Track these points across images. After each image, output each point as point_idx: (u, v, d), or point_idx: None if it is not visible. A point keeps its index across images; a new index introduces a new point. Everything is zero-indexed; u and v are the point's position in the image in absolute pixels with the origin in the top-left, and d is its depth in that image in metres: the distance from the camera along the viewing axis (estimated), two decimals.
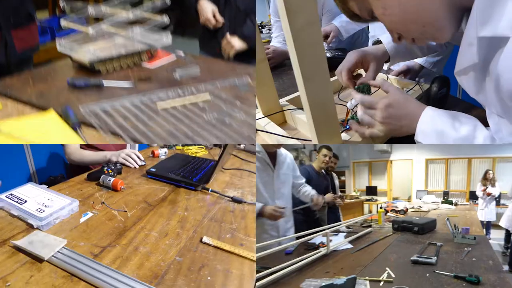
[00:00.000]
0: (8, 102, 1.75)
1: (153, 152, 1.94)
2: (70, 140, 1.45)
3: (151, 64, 2.06)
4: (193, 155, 2.05)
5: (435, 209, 4.13)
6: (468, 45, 1.06)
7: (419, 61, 2.06)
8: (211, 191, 1.51)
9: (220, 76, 1.95)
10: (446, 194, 5.68)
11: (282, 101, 1.60)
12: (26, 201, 1.25)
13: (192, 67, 1.99)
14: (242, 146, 2.48)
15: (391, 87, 1.31)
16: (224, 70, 2.04)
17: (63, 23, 1.95)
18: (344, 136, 1.37)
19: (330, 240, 1.74)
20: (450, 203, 4.54)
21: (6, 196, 1.29)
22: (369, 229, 2.31)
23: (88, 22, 2.14)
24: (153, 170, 1.69)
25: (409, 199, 6.42)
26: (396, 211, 3.65)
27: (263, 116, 1.49)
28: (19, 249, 1.01)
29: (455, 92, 2.35)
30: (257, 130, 1.42)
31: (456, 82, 1.76)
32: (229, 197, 1.50)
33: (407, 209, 3.78)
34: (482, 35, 1.00)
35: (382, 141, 1.45)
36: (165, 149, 1.99)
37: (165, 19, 1.99)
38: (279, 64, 2.47)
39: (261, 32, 4.56)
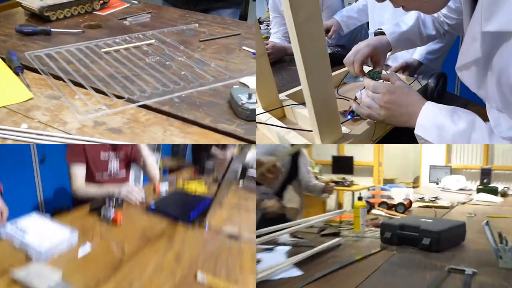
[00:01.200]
0: None
1: (154, 189, 1.99)
2: (11, 83, 1.47)
3: (102, 11, 2.07)
4: (193, 193, 2.09)
5: (464, 202, 2.65)
6: (472, 40, 1.06)
7: (417, 57, 2.10)
8: (208, 227, 1.53)
9: (170, 23, 1.96)
10: (485, 174, 3.60)
11: (282, 95, 1.63)
12: (28, 233, 1.28)
13: (143, 15, 1.99)
14: (240, 183, 2.45)
15: (398, 79, 1.35)
16: (175, 18, 2.05)
17: None
18: (344, 129, 1.40)
19: (258, 261, 1.21)
20: (494, 191, 2.87)
21: (11, 224, 1.33)
22: (336, 240, 1.46)
23: None
24: (153, 205, 1.74)
25: (415, 184, 4.36)
26: (390, 206, 2.30)
27: (264, 111, 1.51)
28: (17, 280, 1.04)
29: (453, 88, 2.40)
30: (257, 122, 1.43)
31: (453, 79, 1.79)
32: (226, 234, 1.50)
33: (410, 202, 2.35)
34: (487, 30, 1.00)
35: (381, 131, 1.48)
36: (166, 186, 2.03)
37: None
38: (279, 59, 2.46)
39: (260, 28, 4.46)
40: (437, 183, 3.74)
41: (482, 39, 1.03)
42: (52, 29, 1.85)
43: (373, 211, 2.23)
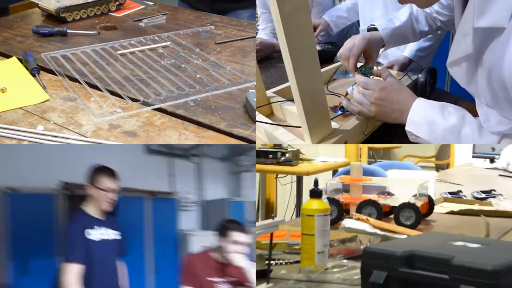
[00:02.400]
0: None
1: None
2: (28, 84, 1.47)
3: (118, 13, 2.07)
4: None
5: None
6: (463, 36, 1.07)
7: (407, 54, 2.09)
8: None
9: (185, 25, 1.96)
10: None
11: (269, 92, 1.61)
12: None
13: (158, 16, 2.00)
14: None
15: (390, 76, 1.36)
16: (190, 20, 2.05)
17: None
18: (334, 125, 1.38)
19: None
20: None
21: None
22: None
23: None
24: None
25: (441, 160, 3.03)
26: (383, 211, 1.36)
27: None
28: None
29: (443, 85, 2.35)
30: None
31: (444, 76, 1.78)
32: None
33: (429, 202, 1.48)
34: (478, 26, 1.01)
35: (371, 126, 1.46)
36: None
37: None
38: (267, 56, 2.44)
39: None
40: (491, 160, 2.22)
41: (473, 35, 1.03)
42: (68, 30, 1.85)
43: (346, 221, 1.18)
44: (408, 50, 2.10)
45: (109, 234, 1.62)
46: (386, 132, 1.47)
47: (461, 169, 2.53)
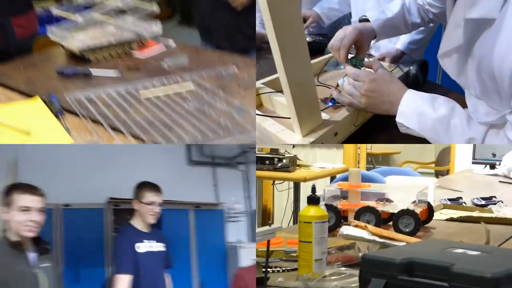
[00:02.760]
0: None
1: None
2: (52, 126, 1.47)
3: (140, 53, 2.08)
4: None
5: None
6: (455, 27, 1.10)
7: (400, 47, 2.12)
8: None
9: (207, 65, 1.96)
10: None
11: (258, 83, 1.61)
12: None
13: (181, 57, 2.00)
14: None
15: (381, 67, 1.37)
16: (213, 60, 2.05)
17: (54, 11, 1.98)
18: (325, 116, 1.37)
19: None
20: None
21: None
22: None
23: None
24: None
25: (441, 166, 3.03)
26: (382, 218, 1.33)
27: None
28: None
29: (434, 77, 2.38)
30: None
31: (435, 68, 1.81)
32: None
33: (428, 208, 1.46)
34: (470, 17, 1.04)
35: (362, 117, 1.46)
36: None
37: (154, 7, 2.01)
38: (256, 47, 2.43)
39: None
40: (492, 166, 2.17)
41: (464, 26, 1.06)
42: (92, 71, 1.86)
43: (344, 228, 1.17)
44: (400, 42, 2.12)
45: (155, 246, 1.75)
46: (377, 124, 1.49)
47: (461, 175, 2.47)
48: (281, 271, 1.03)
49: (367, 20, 1.71)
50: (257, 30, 2.52)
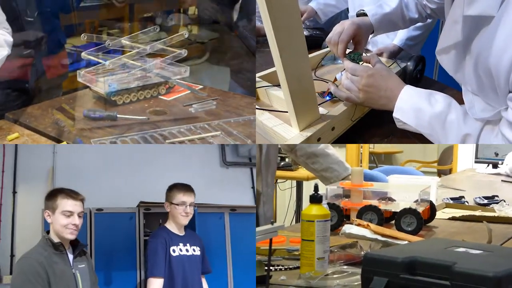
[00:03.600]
0: (26, 131, 1.80)
1: None
2: None
3: (167, 96, 2.08)
4: None
5: None
6: (453, 23, 1.12)
7: (397, 42, 2.12)
8: None
9: (236, 112, 1.94)
10: None
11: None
12: None
13: (208, 102, 1.99)
14: None
15: (379, 62, 1.39)
16: (241, 106, 2.03)
17: (83, 55, 2.00)
18: (322, 110, 1.37)
19: None
20: None
21: None
22: None
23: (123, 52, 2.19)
24: None
25: (443, 165, 2.99)
26: (384, 217, 1.35)
27: None
28: None
29: (431, 73, 2.41)
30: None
31: (432, 64, 1.80)
32: None
33: (431, 207, 1.46)
34: (468, 14, 1.06)
35: (359, 112, 1.46)
36: None
37: (182, 52, 2.02)
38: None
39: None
40: (495, 165, 2.17)
41: (463, 23, 1.07)
42: (118, 115, 1.86)
43: (346, 227, 1.20)
44: (398, 38, 2.12)
45: (190, 250, 1.74)
46: (374, 119, 1.49)
47: (464, 175, 2.47)
48: (283, 269, 1.04)
49: (364, 15, 1.71)
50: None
